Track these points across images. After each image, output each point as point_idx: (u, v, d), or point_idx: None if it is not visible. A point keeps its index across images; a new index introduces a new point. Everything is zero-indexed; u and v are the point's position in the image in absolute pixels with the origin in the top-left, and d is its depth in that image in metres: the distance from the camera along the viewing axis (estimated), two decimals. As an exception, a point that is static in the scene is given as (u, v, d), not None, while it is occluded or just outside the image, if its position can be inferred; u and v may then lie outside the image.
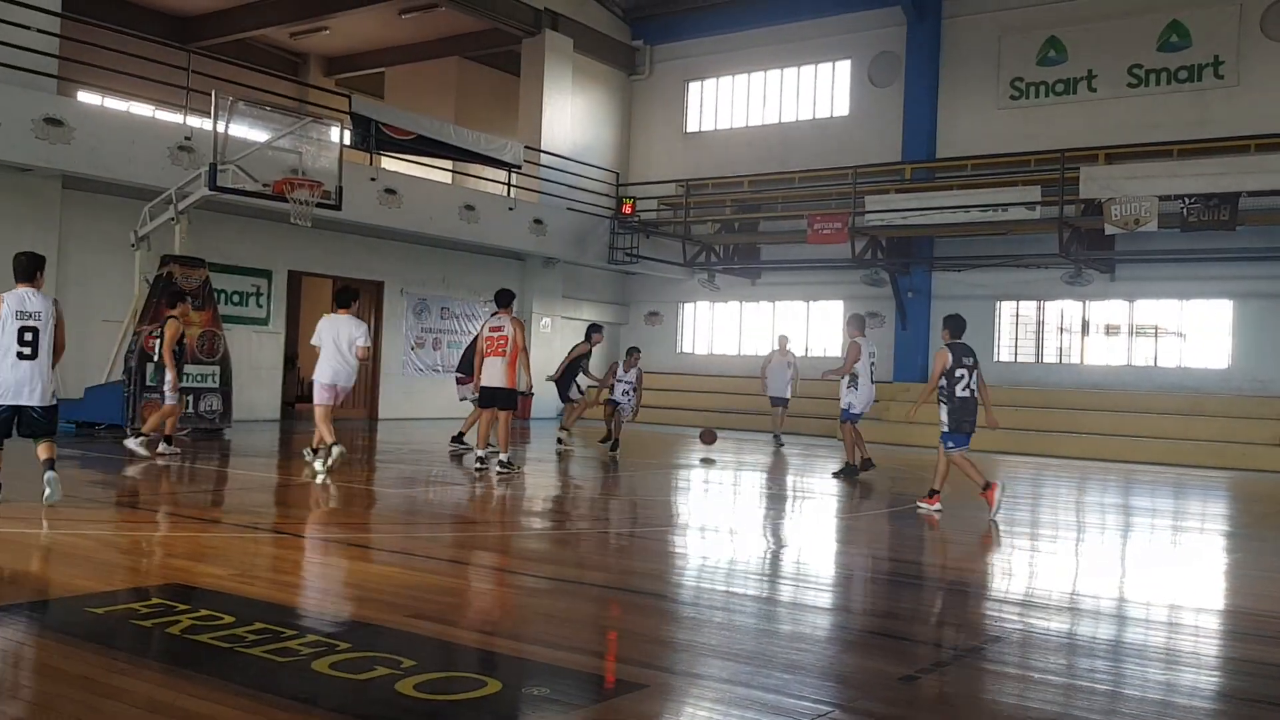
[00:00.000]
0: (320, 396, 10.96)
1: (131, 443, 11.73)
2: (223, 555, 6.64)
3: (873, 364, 12.84)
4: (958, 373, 9.83)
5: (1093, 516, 11.09)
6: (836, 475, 12.74)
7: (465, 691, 3.98)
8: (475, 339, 13.54)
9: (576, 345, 15.43)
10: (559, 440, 15.34)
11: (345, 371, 10.94)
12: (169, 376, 12.03)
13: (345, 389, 11.22)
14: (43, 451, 7.82)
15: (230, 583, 5.70)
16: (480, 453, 11.78)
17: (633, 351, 15.71)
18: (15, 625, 4.66)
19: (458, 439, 14.24)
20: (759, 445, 18.04)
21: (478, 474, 11.50)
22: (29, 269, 7.90)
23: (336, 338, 10.88)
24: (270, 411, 18.48)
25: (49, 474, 7.69)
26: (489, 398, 11.60)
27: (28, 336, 7.68)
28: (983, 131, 21.17)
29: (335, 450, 10.73)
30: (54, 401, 7.92)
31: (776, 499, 11.53)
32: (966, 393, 9.83)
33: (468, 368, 13.75)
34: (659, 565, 7.37)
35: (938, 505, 9.91)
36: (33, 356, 7.69)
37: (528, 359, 11.84)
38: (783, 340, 19.00)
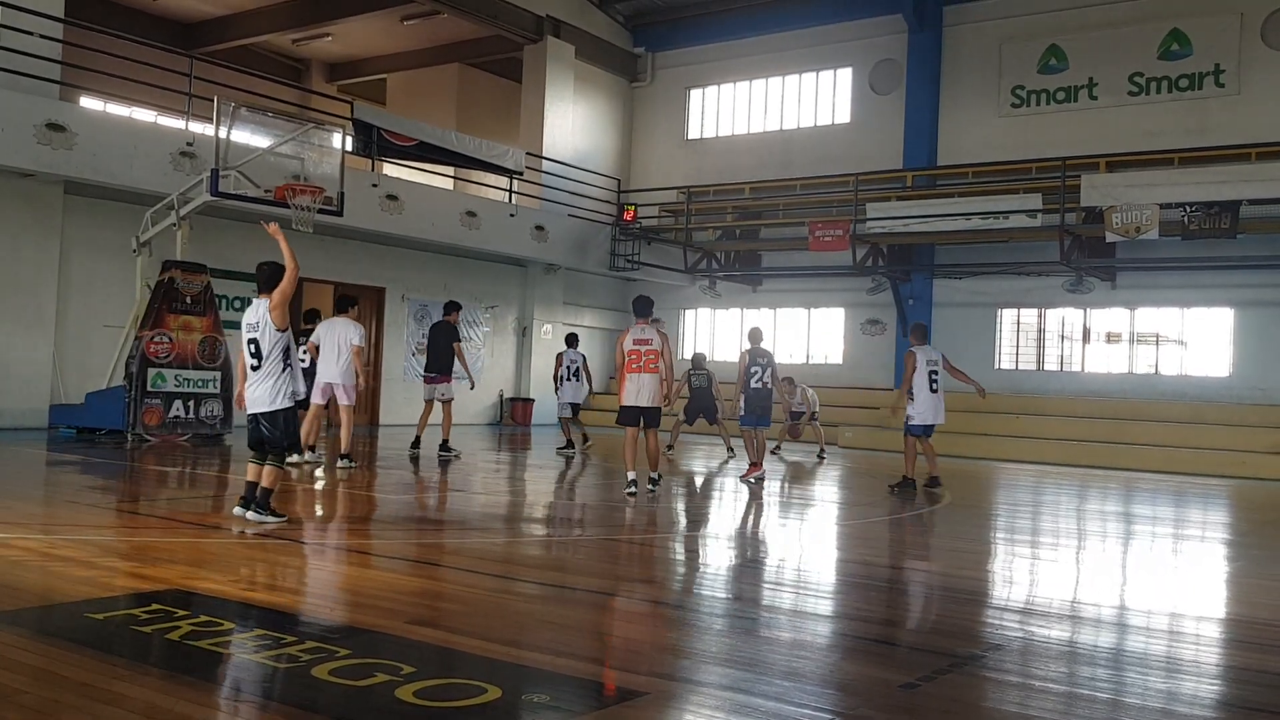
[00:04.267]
0: (313, 395, 11.94)
1: (342, 462, 12.18)
2: (223, 561, 6.64)
3: (933, 373, 12.06)
4: (751, 369, 12.63)
5: (1093, 524, 11.08)
6: (893, 489, 12.15)
7: (465, 698, 3.97)
8: (435, 336, 14.00)
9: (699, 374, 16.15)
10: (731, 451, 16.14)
11: (338, 371, 11.84)
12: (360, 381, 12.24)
13: (342, 385, 11.90)
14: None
15: (230, 589, 5.70)
16: (630, 474, 10.69)
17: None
18: (15, 631, 4.66)
19: (444, 446, 14.09)
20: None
21: (632, 496, 10.51)
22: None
23: (331, 340, 11.91)
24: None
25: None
26: (635, 416, 10.66)
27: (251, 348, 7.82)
28: (984, 139, 21.20)
29: (295, 456, 11.55)
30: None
31: (778, 505, 11.52)
32: (759, 384, 12.59)
33: (441, 366, 13.89)
34: (659, 571, 7.37)
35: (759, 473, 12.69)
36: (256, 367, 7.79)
37: (671, 374, 10.92)
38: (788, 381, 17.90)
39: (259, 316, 7.76)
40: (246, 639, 4.58)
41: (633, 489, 10.55)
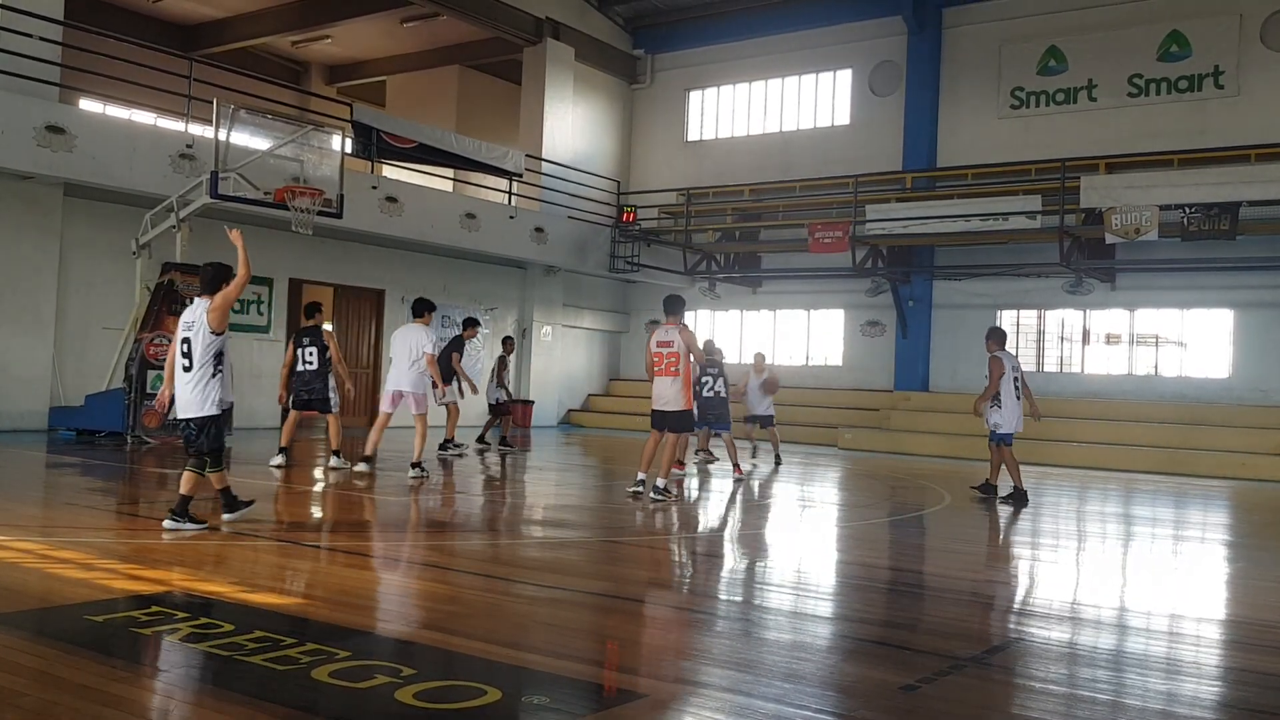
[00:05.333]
0: (381, 404, 11.96)
1: (342, 463, 12.17)
2: (223, 563, 6.64)
3: (1017, 379, 11.68)
4: (703, 379, 13.06)
5: (1093, 526, 11.07)
6: (1005, 500, 11.64)
7: (465, 700, 3.97)
8: (449, 347, 14.18)
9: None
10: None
11: (408, 379, 11.48)
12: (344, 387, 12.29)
13: (413, 394, 11.57)
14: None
15: (230, 590, 5.69)
16: (640, 475, 10.65)
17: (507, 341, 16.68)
18: (15, 633, 4.65)
19: (445, 445, 14.43)
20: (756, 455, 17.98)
21: (645, 500, 10.37)
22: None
23: (404, 346, 11.54)
24: (271, 419, 18.48)
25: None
26: (658, 420, 10.51)
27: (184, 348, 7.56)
28: (983, 141, 21.20)
29: (356, 466, 11.48)
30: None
31: (777, 508, 11.52)
32: (710, 393, 13.18)
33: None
34: (659, 573, 7.36)
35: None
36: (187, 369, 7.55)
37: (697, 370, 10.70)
38: (759, 358, 16.79)
39: (195, 317, 7.52)
40: (246, 641, 4.57)
41: (637, 489, 10.52)
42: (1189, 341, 19.51)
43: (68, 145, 14.09)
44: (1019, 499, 11.48)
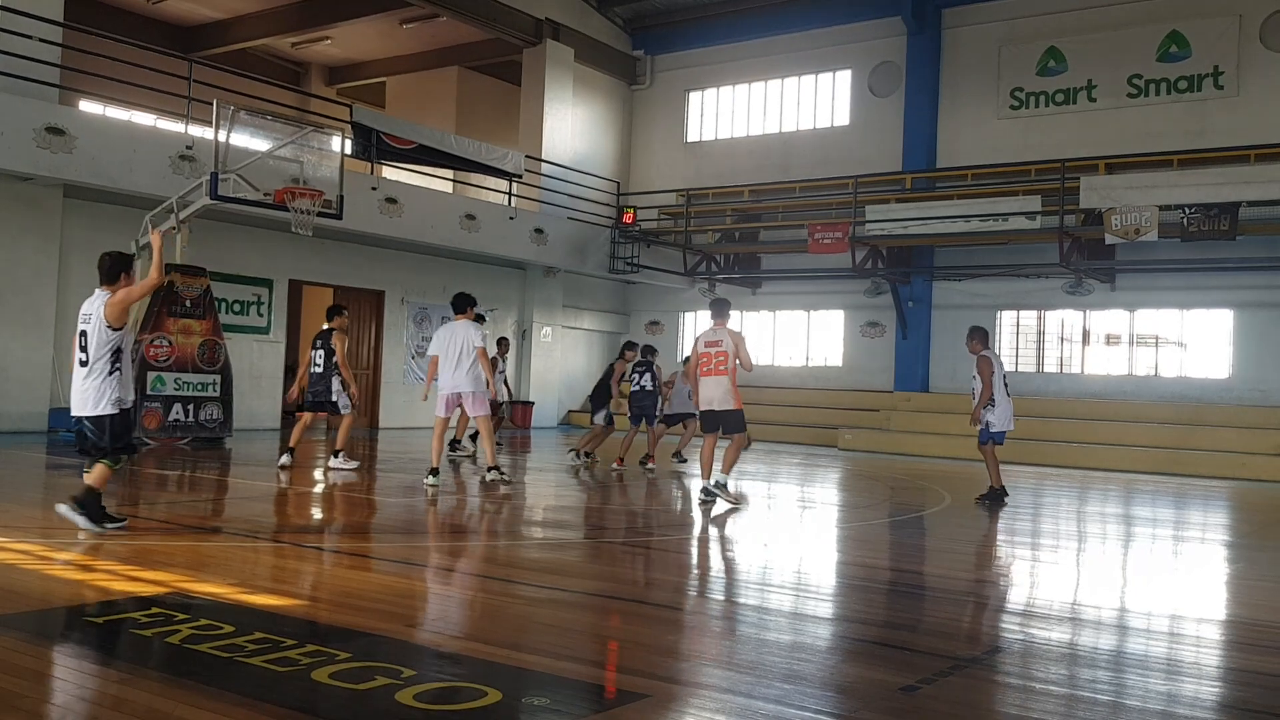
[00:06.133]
0: (436, 409, 11.11)
1: (336, 462, 12.14)
2: (223, 564, 6.63)
3: (1004, 376, 11.73)
4: (633, 375, 13.85)
5: (1094, 526, 11.07)
6: (980, 500, 11.66)
7: (465, 701, 3.97)
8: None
9: (615, 364, 14.76)
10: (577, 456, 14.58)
11: (467, 379, 10.90)
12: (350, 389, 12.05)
13: (472, 394, 11.01)
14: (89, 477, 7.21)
15: (230, 592, 5.69)
16: (707, 483, 10.42)
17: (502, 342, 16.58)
18: (15, 634, 4.65)
19: (454, 445, 14.52)
20: (756, 454, 17.99)
21: (703, 506, 10.24)
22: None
23: (452, 344, 10.96)
24: (271, 420, 18.50)
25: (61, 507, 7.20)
26: (712, 422, 10.43)
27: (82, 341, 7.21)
28: (983, 141, 21.22)
29: (429, 479, 10.76)
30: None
31: (776, 508, 11.51)
32: (637, 388, 13.94)
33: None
34: (660, 574, 7.36)
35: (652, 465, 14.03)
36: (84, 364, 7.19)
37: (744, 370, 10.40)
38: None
39: (94, 310, 7.15)
40: (246, 642, 4.57)
41: (705, 497, 10.34)
42: (1189, 342, 19.52)
43: (67, 147, 14.09)
44: (995, 498, 11.54)
